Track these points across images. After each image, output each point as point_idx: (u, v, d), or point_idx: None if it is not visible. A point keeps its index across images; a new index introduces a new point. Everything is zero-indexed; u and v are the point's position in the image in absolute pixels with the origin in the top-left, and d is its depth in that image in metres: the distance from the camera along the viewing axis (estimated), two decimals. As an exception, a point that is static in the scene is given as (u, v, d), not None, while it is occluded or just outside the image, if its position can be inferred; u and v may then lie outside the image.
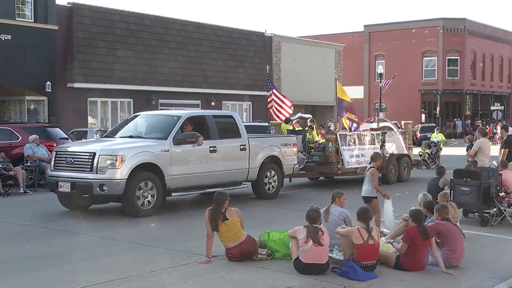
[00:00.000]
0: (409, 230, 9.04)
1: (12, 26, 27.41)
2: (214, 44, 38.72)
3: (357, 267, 8.52)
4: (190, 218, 13.44)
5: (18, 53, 27.38)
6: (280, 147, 16.97)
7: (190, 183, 14.48)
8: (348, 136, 19.38)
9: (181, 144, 14.03)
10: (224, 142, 15.35)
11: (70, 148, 14.37)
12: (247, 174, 15.91)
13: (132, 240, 11.05)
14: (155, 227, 12.57)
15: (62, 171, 13.59)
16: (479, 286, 8.17)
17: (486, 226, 12.52)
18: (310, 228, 8.63)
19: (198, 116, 15.88)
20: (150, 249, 10.37)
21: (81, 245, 10.89)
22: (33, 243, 10.90)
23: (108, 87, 32.40)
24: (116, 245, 10.78)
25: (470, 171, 13.36)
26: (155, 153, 13.58)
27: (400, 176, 21.22)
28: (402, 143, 21.83)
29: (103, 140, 15.38)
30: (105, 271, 8.73)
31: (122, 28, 33.66)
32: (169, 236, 11.54)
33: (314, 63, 47.35)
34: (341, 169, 19.04)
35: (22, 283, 8.22)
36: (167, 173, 13.66)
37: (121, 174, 12.86)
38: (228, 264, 9.22)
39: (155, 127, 15.22)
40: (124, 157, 12.94)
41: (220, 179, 15.14)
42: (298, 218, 10.65)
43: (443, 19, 62.17)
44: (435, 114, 61.13)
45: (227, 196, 9.61)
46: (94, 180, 12.85)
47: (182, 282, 8.24)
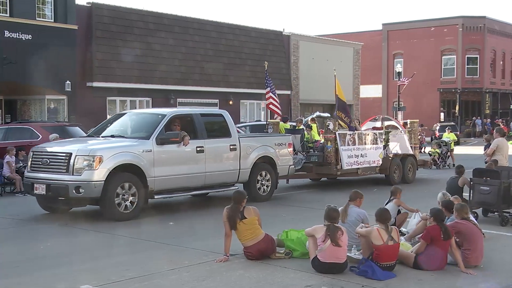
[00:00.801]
0: (430, 228, 9.01)
1: (33, 26, 27.62)
2: (232, 43, 38.78)
3: (376, 266, 8.49)
4: (207, 216, 13.51)
5: (38, 52, 27.56)
6: (274, 147, 16.18)
7: (174, 185, 13.76)
8: (348, 135, 18.46)
9: (164, 144, 13.32)
10: (212, 142, 14.56)
11: (47, 148, 13.50)
12: (237, 175, 15.13)
13: (150, 239, 11.11)
14: (173, 226, 12.60)
15: (38, 172, 12.85)
16: (499, 286, 8.10)
17: (506, 226, 12.41)
18: (330, 228, 8.61)
19: (184, 114, 14.97)
20: (168, 247, 10.41)
21: (100, 243, 10.98)
22: (54, 241, 11.00)
23: (127, 86, 32.56)
24: (135, 243, 10.85)
25: (490, 170, 13.26)
26: (136, 154, 12.85)
27: (405, 177, 20.28)
28: (407, 143, 21.05)
29: (83, 140, 14.71)
30: (124, 269, 8.79)
31: (141, 27, 33.82)
32: (187, 234, 11.58)
33: (332, 62, 47.02)
34: (340, 170, 18.21)
35: (48, 280, 8.29)
36: (150, 175, 12.96)
37: (98, 176, 12.15)
38: (246, 262, 9.23)
39: (139, 126, 14.40)
40: (102, 158, 12.26)
41: (208, 181, 14.43)
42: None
43: (462, 18, 61.68)
44: (454, 113, 60.73)
45: (245, 195, 9.63)
46: (70, 182, 12.11)
47: (200, 280, 8.26)
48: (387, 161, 19.50)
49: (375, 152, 19.23)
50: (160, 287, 7.93)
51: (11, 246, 10.63)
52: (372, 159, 19.08)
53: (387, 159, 19.53)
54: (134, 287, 7.92)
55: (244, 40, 39.89)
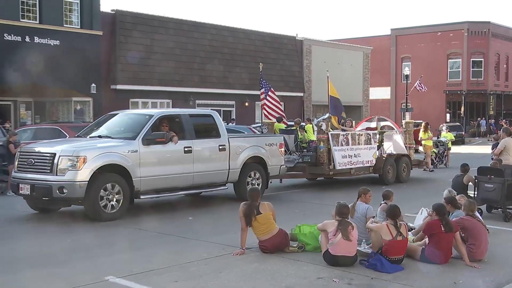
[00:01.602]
0: (430, 222, 9.06)
1: (60, 32, 27.82)
2: (247, 47, 38.80)
3: (384, 260, 8.48)
4: (224, 212, 13.54)
5: (65, 57, 27.77)
6: (264, 147, 15.34)
7: (161, 185, 13.07)
8: (341, 136, 17.59)
9: (151, 144, 12.66)
10: (201, 142, 13.85)
11: (32, 148, 12.79)
12: (227, 175, 14.39)
13: (170, 233, 11.15)
14: (192, 221, 12.61)
15: (24, 173, 12.20)
16: (502, 280, 8.06)
17: (509, 222, 12.36)
18: (341, 222, 8.63)
19: (172, 115, 14.18)
20: (188, 241, 10.45)
21: (123, 237, 11.01)
22: (79, 235, 11.05)
23: (149, 88, 32.71)
24: (156, 237, 10.88)
25: (494, 169, 13.21)
26: (121, 154, 12.18)
27: (399, 176, 19.38)
28: (402, 143, 20.17)
29: (70, 141, 13.93)
30: (146, 261, 8.83)
31: (162, 33, 33.94)
32: (205, 229, 11.58)
33: (343, 65, 47.11)
34: (333, 170, 17.41)
35: (76, 271, 8.35)
36: (135, 175, 12.32)
37: (82, 176, 11.51)
38: (261, 256, 9.24)
39: (127, 126, 13.61)
40: (86, 158, 11.60)
41: (196, 181, 13.74)
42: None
43: (467, 23, 61.38)
44: (460, 114, 60.48)
45: (259, 192, 9.63)
46: (54, 182, 11.49)
47: (218, 272, 8.28)
48: (381, 161, 18.74)
49: (369, 152, 18.42)
50: (179, 278, 7.94)
51: (43, 240, 10.68)
52: (366, 159, 18.27)
53: (380, 159, 18.79)
54: (155, 278, 7.95)
55: (259, 45, 39.90)
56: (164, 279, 7.92)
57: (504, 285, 7.62)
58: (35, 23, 27.07)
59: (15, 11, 26.39)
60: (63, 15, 28.17)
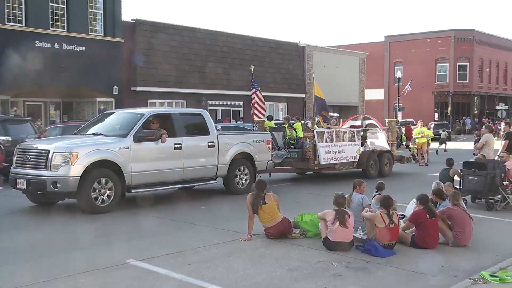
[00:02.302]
0: (415, 211, 9.10)
1: (86, 39, 27.86)
2: (255, 53, 38.74)
3: (378, 245, 8.49)
4: (232, 201, 13.49)
5: (90, 62, 27.81)
6: (252, 144, 14.88)
7: (152, 180, 12.57)
8: (326, 133, 17.11)
9: (142, 141, 12.22)
10: (190, 139, 13.41)
11: (29, 145, 12.35)
12: (216, 170, 13.91)
13: (184, 220, 11.17)
14: (204, 210, 12.63)
15: (21, 168, 11.78)
16: (485, 263, 8.04)
17: (492, 211, 12.36)
18: (338, 211, 8.64)
19: (163, 114, 13.66)
20: (200, 228, 10.46)
21: (141, 225, 11.05)
22: (101, 223, 11.05)
23: (165, 90, 32.71)
24: (171, 224, 10.91)
25: (478, 163, 13.23)
26: (113, 151, 11.74)
27: (382, 171, 18.85)
28: (385, 140, 19.52)
29: (65, 138, 13.38)
30: (162, 246, 8.86)
31: (177, 40, 33.94)
32: (216, 217, 11.61)
33: (341, 69, 47.03)
34: (317, 165, 16.94)
35: (95, 257, 8.36)
36: (127, 170, 11.89)
37: (74, 172, 11.09)
38: (267, 241, 9.25)
39: (119, 124, 13.09)
40: (79, 155, 11.18)
41: (186, 175, 13.24)
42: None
43: (454, 30, 61.20)
44: (447, 113, 60.30)
45: (266, 184, 9.64)
46: (48, 177, 11.10)
47: (227, 256, 8.30)
48: (364, 156, 18.21)
49: (353, 148, 17.94)
50: (192, 261, 7.95)
51: (63, 228, 10.72)
52: (350, 155, 17.81)
53: (364, 155, 18.25)
54: (170, 261, 7.97)
55: (266, 51, 39.84)
56: (179, 262, 7.93)
57: (486, 268, 7.59)
58: (63, 31, 27.11)
59: (45, 20, 26.45)
60: (88, 24, 28.20)
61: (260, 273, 7.44)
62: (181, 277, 7.21)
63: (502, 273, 7.24)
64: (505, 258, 8.18)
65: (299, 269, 7.64)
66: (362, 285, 7.04)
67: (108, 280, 7.14)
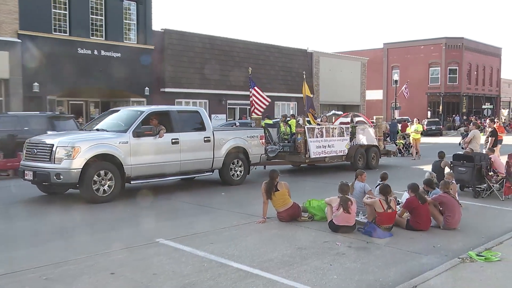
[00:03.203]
0: (408, 199, 9.07)
1: (121, 47, 27.99)
2: (268, 58, 38.66)
3: (377, 228, 8.48)
4: (250, 189, 13.51)
5: (125, 66, 27.93)
6: (246, 139, 14.39)
7: (151, 172, 12.05)
8: (316, 129, 16.58)
9: (141, 136, 11.73)
10: (187, 134, 12.85)
11: (36, 140, 11.75)
12: (212, 163, 13.43)
13: (207, 205, 11.22)
14: (224, 196, 12.64)
15: (29, 161, 11.36)
16: (472, 244, 7.99)
17: (478, 198, 12.30)
18: (343, 199, 8.62)
19: (161, 111, 13.00)
20: (221, 212, 10.48)
21: (168, 208, 11.07)
22: (131, 207, 11.12)
23: (190, 91, 32.77)
24: (195, 208, 10.94)
25: (466, 155, 13.13)
26: (113, 145, 11.28)
27: (369, 163, 18.16)
28: (373, 135, 18.89)
29: (70, 133, 12.83)
30: (189, 227, 8.90)
31: (200, 46, 33.96)
32: (234, 202, 11.63)
33: (345, 72, 46.80)
34: (308, 158, 16.37)
35: (128, 236, 8.40)
36: (126, 163, 11.42)
37: (76, 164, 10.68)
38: (279, 224, 9.26)
39: (121, 121, 12.49)
40: (80, 149, 10.77)
41: (183, 168, 12.73)
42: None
43: (445, 38, 60.66)
44: (438, 112, 59.84)
45: (278, 173, 9.63)
46: (52, 169, 10.72)
47: (245, 236, 8.33)
48: (352, 150, 17.65)
49: (342, 143, 17.35)
50: (215, 241, 7.99)
51: (94, 212, 10.68)
52: (339, 149, 17.24)
53: (352, 149, 17.67)
54: (195, 240, 8.01)
55: (278, 56, 39.72)
56: (203, 241, 7.97)
57: (473, 248, 7.54)
58: (101, 39, 27.25)
59: (87, 30, 26.59)
60: (123, 33, 28.31)
61: (273, 251, 7.45)
62: (204, 254, 7.25)
63: (487, 253, 7.20)
64: (490, 240, 8.13)
65: (307, 248, 7.64)
66: (362, 262, 7.03)
67: (141, 256, 7.20)
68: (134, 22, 28.86)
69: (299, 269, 6.66)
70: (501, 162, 12.90)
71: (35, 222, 9.55)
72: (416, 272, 6.57)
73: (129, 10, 28.60)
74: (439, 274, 6.34)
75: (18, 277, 6.27)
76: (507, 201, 12.01)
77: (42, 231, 8.80)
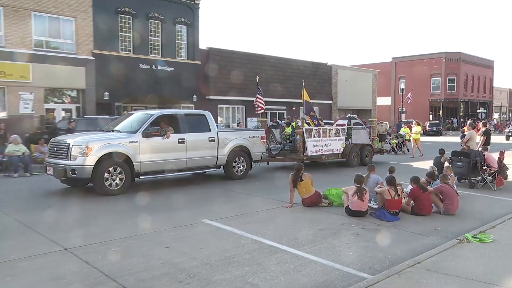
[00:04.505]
0: (412, 189, 8.89)
1: (174, 62, 28.30)
2: (294, 71, 38.37)
3: (386, 213, 8.35)
4: (278, 180, 13.46)
5: (177, 78, 28.24)
6: (248, 139, 13.66)
7: (159, 168, 11.41)
8: (313, 130, 15.72)
9: (149, 137, 11.13)
10: (193, 135, 12.13)
11: (56, 140, 11.18)
12: (216, 160, 12.73)
13: (244, 192, 11.24)
14: (258, 184, 12.63)
15: (51, 158, 10.88)
16: (468, 227, 7.78)
17: (473, 188, 11.97)
18: (358, 188, 8.52)
19: (169, 114, 12.17)
20: (255, 198, 10.49)
21: (214, 195, 11.11)
22: (180, 193, 11.13)
23: (229, 98, 32.85)
24: (234, 195, 10.96)
25: (463, 152, 12.79)
26: (123, 144, 10.71)
27: (363, 161, 17.17)
28: (367, 136, 18.04)
29: (85, 134, 11.97)
30: (229, 210, 8.94)
31: (238, 62, 34.00)
32: (266, 190, 11.61)
33: (359, 82, 46.12)
34: (306, 156, 15.48)
35: (177, 218, 8.45)
36: (136, 160, 10.84)
37: (89, 161, 10.18)
38: (303, 208, 9.22)
39: (133, 123, 11.74)
40: (93, 148, 10.27)
41: (189, 164, 12.04)
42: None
43: (445, 53, 59.10)
44: (439, 115, 58.41)
45: (303, 166, 9.58)
46: (68, 166, 10.24)
47: (274, 218, 8.32)
48: (347, 149, 16.73)
49: (338, 142, 16.39)
50: (250, 222, 8.00)
51: (159, 196, 10.84)
52: (335, 148, 16.32)
53: (347, 148, 16.75)
54: (234, 221, 8.03)
55: (302, 69, 39.38)
56: (240, 222, 7.99)
57: (469, 231, 7.34)
58: (158, 56, 27.60)
59: (146, 49, 26.99)
60: (175, 51, 28.60)
61: (298, 231, 7.41)
62: (241, 232, 7.27)
63: (481, 235, 7.01)
64: (483, 224, 7.91)
65: (327, 229, 7.58)
66: (374, 241, 6.93)
67: (190, 233, 7.26)
68: (184, 42, 29.12)
69: (320, 246, 6.61)
70: (494, 158, 12.52)
71: (99, 209, 9.62)
72: (420, 250, 6.44)
73: (180, 32, 28.87)
74: (440, 252, 6.20)
75: (94, 248, 6.43)
76: (499, 191, 11.67)
77: (104, 214, 8.81)
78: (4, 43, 21.20)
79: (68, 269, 5.58)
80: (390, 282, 5.10)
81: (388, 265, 5.83)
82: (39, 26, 22.29)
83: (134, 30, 26.22)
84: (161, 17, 27.49)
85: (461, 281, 5.17)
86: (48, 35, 22.66)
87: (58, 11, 22.88)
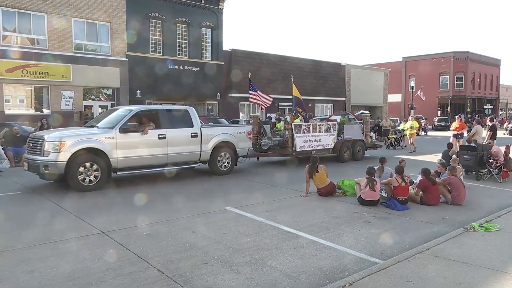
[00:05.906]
0: (421, 180, 8.75)
1: (199, 63, 28.40)
2: (311, 70, 38.08)
3: (397, 202, 8.24)
4: (295, 172, 13.43)
5: (202, 77, 28.36)
6: (234, 134, 12.59)
7: (137, 163, 10.47)
8: (303, 126, 14.61)
9: (127, 132, 10.23)
10: (174, 130, 11.13)
11: (33, 135, 10.38)
12: (199, 156, 11.72)
13: (263, 182, 11.22)
14: (276, 176, 12.58)
15: (28, 154, 10.02)
16: (474, 216, 7.61)
17: (480, 180, 11.71)
18: (369, 179, 8.43)
19: (150, 110, 11.24)
20: (274, 188, 10.47)
21: (236, 185, 11.10)
22: (209, 182, 11.18)
23: (251, 96, 32.80)
24: (255, 186, 10.95)
25: (471, 146, 12.52)
26: (99, 140, 9.84)
27: (355, 156, 16.10)
28: (360, 131, 16.86)
29: (62, 129, 10.94)
30: (247, 198, 8.95)
31: (258, 62, 33.92)
32: (284, 180, 11.58)
33: (371, 80, 45.45)
34: (294, 152, 14.34)
35: (204, 205, 8.47)
36: (112, 156, 9.98)
37: (62, 157, 9.35)
38: (319, 198, 9.16)
39: (113, 119, 10.78)
40: (66, 143, 9.43)
41: (170, 160, 11.05)
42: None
43: (453, 52, 57.66)
44: (447, 111, 57.14)
45: (318, 158, 9.50)
46: (41, 161, 9.43)
47: (292, 207, 8.29)
48: (338, 144, 15.58)
49: (329, 138, 15.25)
50: (269, 209, 7.99)
51: (180, 186, 10.78)
52: (326, 143, 15.15)
53: (338, 143, 15.60)
54: (255, 209, 8.02)
55: (318, 68, 39.07)
56: (259, 209, 7.99)
57: (476, 220, 7.18)
58: (185, 57, 27.75)
59: (175, 51, 27.16)
60: (201, 52, 28.69)
61: (313, 218, 7.38)
62: (261, 219, 7.27)
63: (487, 224, 6.84)
64: (489, 214, 7.73)
65: (341, 217, 7.52)
66: (384, 229, 6.84)
67: (214, 219, 7.30)
68: (209, 44, 29.18)
69: (334, 232, 6.57)
70: (501, 151, 12.18)
71: (133, 196, 9.68)
72: (428, 238, 6.34)
73: (205, 35, 28.93)
74: (447, 240, 6.08)
75: (127, 232, 6.53)
76: (504, 183, 11.37)
77: (133, 202, 8.88)
78: (48, 46, 21.69)
79: (105, 250, 5.69)
80: (400, 267, 5.04)
81: (398, 251, 5.76)
82: (78, 30, 22.72)
83: (163, 34, 26.42)
84: (188, 22, 27.59)
85: (468, 267, 5.07)
86: (86, 38, 23.07)
87: (95, 17, 23.24)
